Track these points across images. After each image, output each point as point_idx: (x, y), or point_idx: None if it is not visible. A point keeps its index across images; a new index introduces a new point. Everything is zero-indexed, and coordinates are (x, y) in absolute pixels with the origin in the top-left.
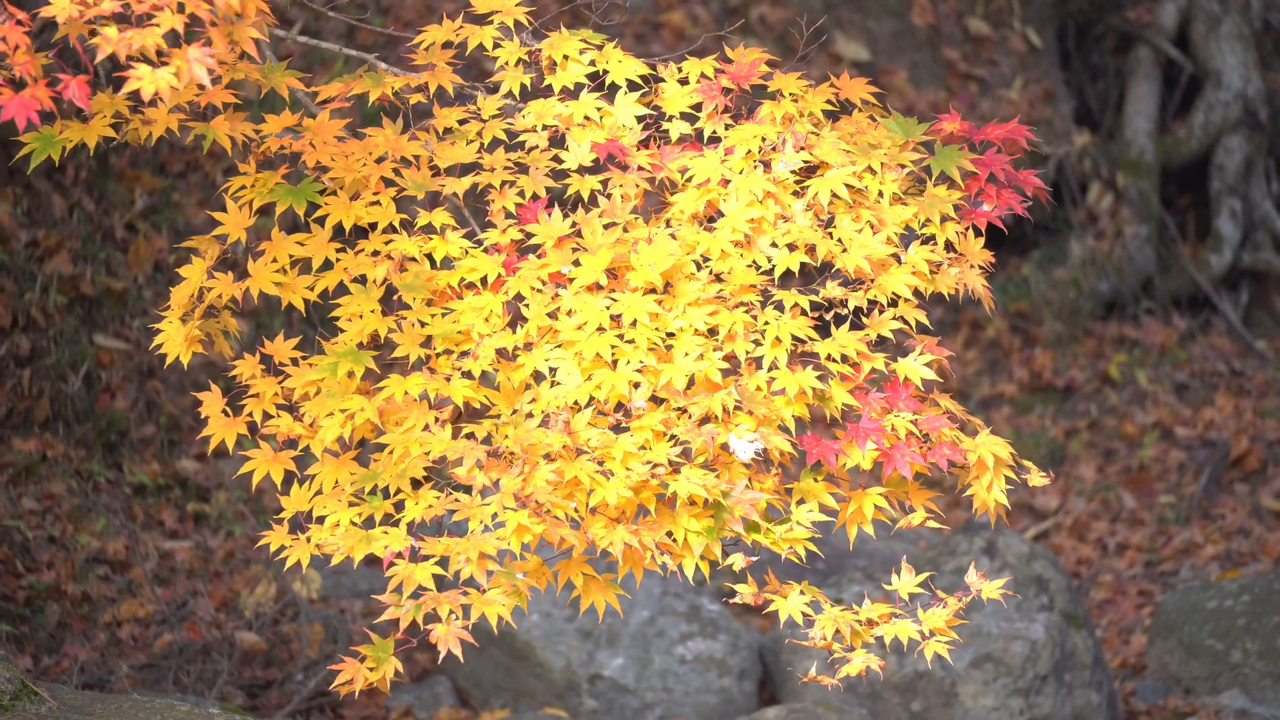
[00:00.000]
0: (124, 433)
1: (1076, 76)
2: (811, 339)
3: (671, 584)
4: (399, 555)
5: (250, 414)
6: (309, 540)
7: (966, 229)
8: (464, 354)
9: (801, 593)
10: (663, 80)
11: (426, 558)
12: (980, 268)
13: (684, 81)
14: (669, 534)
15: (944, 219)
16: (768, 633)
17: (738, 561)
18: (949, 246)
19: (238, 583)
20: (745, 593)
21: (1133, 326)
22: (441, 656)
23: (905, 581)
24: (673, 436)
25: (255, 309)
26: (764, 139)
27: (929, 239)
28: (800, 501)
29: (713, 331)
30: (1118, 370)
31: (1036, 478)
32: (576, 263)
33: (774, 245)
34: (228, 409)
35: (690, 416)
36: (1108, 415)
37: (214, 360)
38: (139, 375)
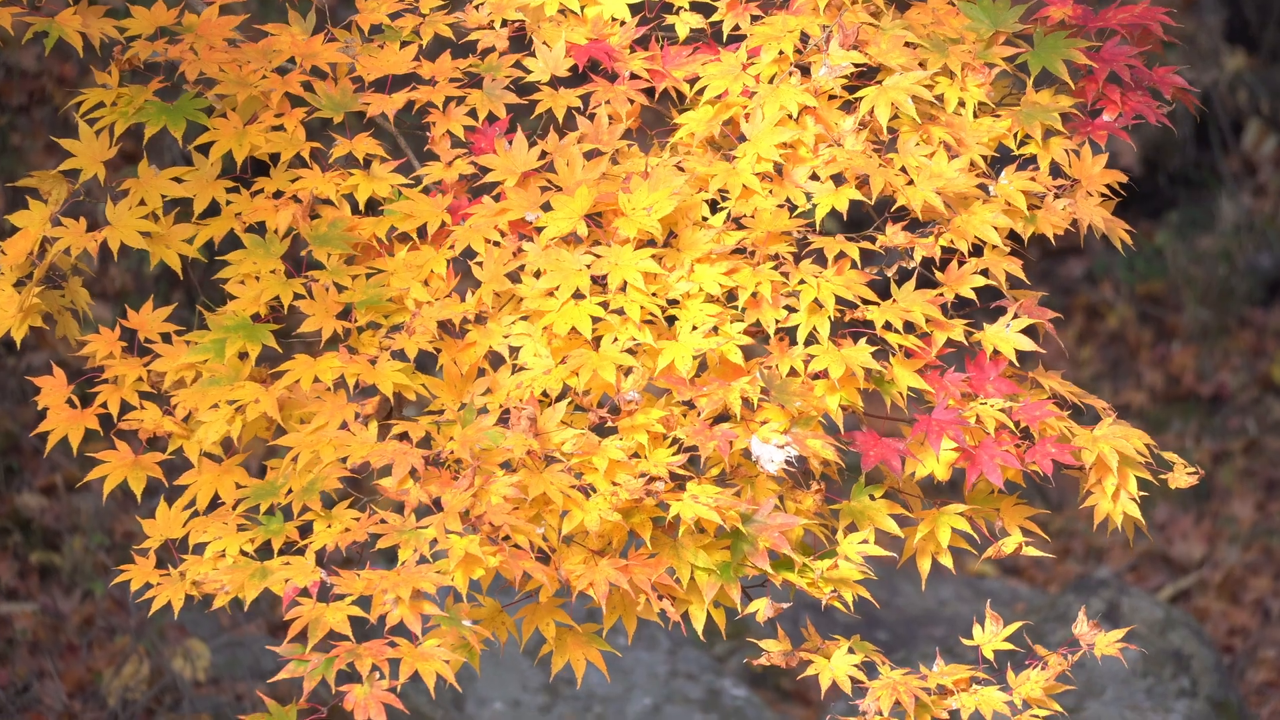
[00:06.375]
0: None
1: None
2: (866, 302)
3: (682, 662)
4: (304, 592)
5: (104, 404)
6: (183, 576)
7: (1080, 145)
8: (395, 329)
9: (851, 650)
10: None
11: (340, 597)
12: (1103, 195)
13: None
14: (670, 571)
15: (1048, 134)
16: None
17: (763, 610)
18: (1056, 171)
19: (99, 659)
20: (773, 651)
21: None
22: None
23: (990, 635)
24: (675, 440)
25: (122, 290)
26: (802, 34)
27: (1028, 162)
28: (851, 528)
29: (731, 296)
30: None
31: (1182, 476)
32: (546, 206)
33: (814, 178)
34: (74, 398)
35: (699, 413)
36: (1270, 434)
37: (68, 359)
38: None
